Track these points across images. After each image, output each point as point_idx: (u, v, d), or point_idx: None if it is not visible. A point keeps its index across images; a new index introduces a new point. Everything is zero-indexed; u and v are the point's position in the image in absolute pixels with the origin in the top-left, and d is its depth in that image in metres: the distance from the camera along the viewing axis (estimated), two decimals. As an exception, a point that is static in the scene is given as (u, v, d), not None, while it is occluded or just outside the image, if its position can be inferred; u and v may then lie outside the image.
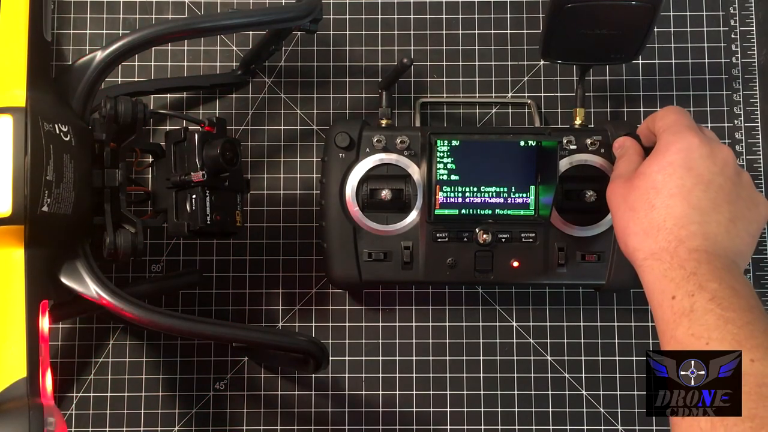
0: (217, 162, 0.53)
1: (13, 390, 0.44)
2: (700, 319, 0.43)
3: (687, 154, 0.48)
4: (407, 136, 0.60)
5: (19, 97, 0.49)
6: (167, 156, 0.56)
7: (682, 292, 0.44)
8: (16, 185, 0.47)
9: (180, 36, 0.56)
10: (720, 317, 0.42)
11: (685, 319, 0.43)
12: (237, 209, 0.57)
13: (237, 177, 0.57)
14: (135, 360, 0.64)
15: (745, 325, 0.42)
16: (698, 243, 0.46)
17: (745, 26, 0.68)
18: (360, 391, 0.64)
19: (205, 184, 0.54)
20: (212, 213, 0.54)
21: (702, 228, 0.46)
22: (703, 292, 0.43)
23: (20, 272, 0.48)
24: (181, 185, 0.55)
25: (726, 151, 0.49)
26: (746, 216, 0.48)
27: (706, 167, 0.48)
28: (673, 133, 0.50)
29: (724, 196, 0.48)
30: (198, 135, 0.54)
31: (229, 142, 0.54)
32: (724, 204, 0.47)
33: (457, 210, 0.59)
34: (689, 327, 0.43)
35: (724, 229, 0.47)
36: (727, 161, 0.49)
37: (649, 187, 0.49)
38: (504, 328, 0.65)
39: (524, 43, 0.67)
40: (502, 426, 0.63)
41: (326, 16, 0.65)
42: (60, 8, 0.67)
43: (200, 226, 0.54)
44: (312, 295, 0.65)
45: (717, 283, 0.44)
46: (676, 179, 0.48)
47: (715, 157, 0.48)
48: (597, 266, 0.60)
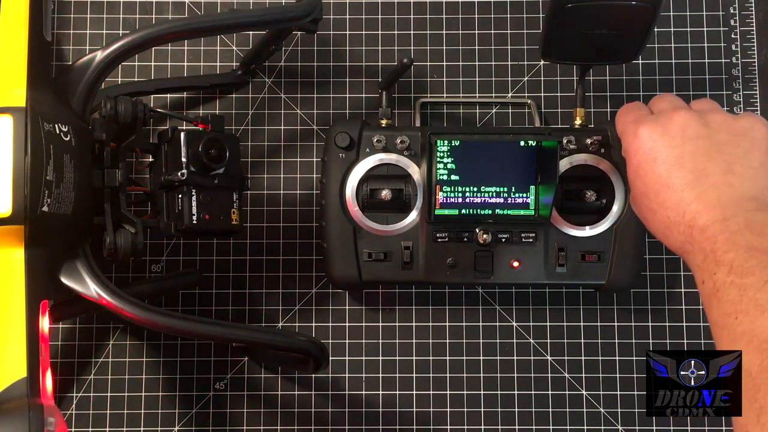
0: (200, 160, 0.53)
1: (13, 390, 0.44)
2: (724, 296, 0.41)
3: (644, 149, 0.47)
4: (407, 136, 0.60)
5: (19, 97, 0.49)
6: (160, 156, 0.56)
7: (706, 274, 0.43)
8: (16, 185, 0.47)
9: (180, 36, 0.56)
10: (739, 287, 0.40)
11: (714, 299, 0.42)
12: (233, 207, 0.55)
13: (231, 174, 0.55)
14: (135, 360, 0.64)
15: (765, 285, 0.40)
16: (705, 219, 0.44)
17: (745, 26, 0.68)
18: (360, 391, 0.64)
19: (188, 182, 0.53)
20: (200, 212, 0.53)
21: (701, 202, 0.45)
22: (721, 267, 0.42)
23: (20, 272, 0.48)
24: (168, 185, 0.54)
25: (678, 116, 0.47)
26: (739, 154, 0.46)
27: (667, 145, 0.46)
28: (625, 137, 0.49)
29: (703, 157, 0.46)
30: (184, 133, 0.54)
31: (214, 139, 0.54)
32: (707, 164, 0.45)
33: (457, 210, 0.59)
34: (719, 307, 0.42)
35: (725, 185, 0.45)
36: (684, 124, 0.47)
37: (640, 196, 0.49)
38: (504, 328, 0.65)
39: (524, 43, 0.67)
40: (502, 426, 0.63)
41: (326, 16, 0.65)
42: (60, 8, 0.67)
43: (185, 226, 0.53)
44: (312, 295, 0.65)
45: (734, 252, 0.42)
46: (651, 176, 0.47)
47: (670, 131, 0.47)
48: (597, 266, 0.60)
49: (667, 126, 0.47)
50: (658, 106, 0.51)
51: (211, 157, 0.53)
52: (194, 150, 0.53)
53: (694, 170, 0.46)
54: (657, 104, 0.51)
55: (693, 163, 0.46)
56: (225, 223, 0.55)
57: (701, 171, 0.46)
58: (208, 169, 0.54)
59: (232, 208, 0.55)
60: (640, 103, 0.53)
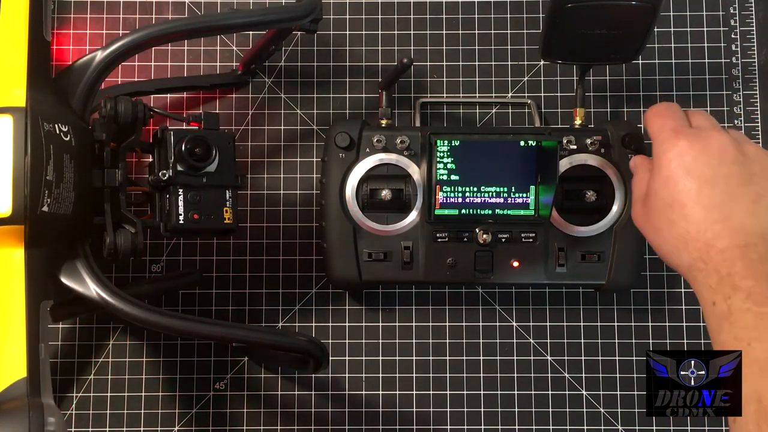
0: (184, 159, 0.53)
1: (13, 390, 0.44)
2: (738, 321, 0.42)
3: (679, 161, 0.47)
4: (407, 136, 0.60)
5: (19, 97, 0.49)
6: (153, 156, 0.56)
7: (719, 296, 0.43)
8: (16, 185, 0.47)
9: (180, 36, 0.56)
10: (757, 315, 0.41)
11: (725, 323, 0.42)
12: (226, 206, 0.55)
13: (223, 173, 0.55)
14: (135, 360, 0.64)
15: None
16: (727, 242, 0.44)
17: (745, 26, 0.68)
18: (360, 391, 0.64)
19: (175, 182, 0.53)
20: (187, 211, 0.53)
21: (726, 225, 0.45)
22: (738, 292, 0.42)
23: (20, 272, 0.47)
24: (155, 185, 0.54)
25: (718, 137, 0.47)
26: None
27: (704, 163, 0.46)
28: (660, 143, 0.49)
29: (736, 182, 0.46)
30: (171, 133, 0.54)
31: (198, 138, 0.53)
32: (738, 190, 0.46)
33: (457, 210, 0.59)
34: (730, 330, 0.42)
35: (750, 213, 0.45)
36: (722, 147, 0.47)
37: (661, 205, 0.48)
38: (504, 328, 0.65)
39: (524, 43, 0.67)
40: (502, 426, 0.63)
41: (326, 16, 0.65)
42: (60, 8, 0.67)
43: (173, 226, 0.53)
44: (312, 295, 0.65)
45: (753, 280, 0.42)
46: (681, 189, 0.47)
47: (709, 150, 0.47)
48: (597, 266, 0.60)
49: (708, 145, 0.47)
50: (697, 122, 0.50)
51: (197, 156, 0.53)
52: (180, 149, 0.53)
53: (724, 193, 0.46)
54: (696, 119, 0.50)
55: (726, 186, 0.46)
56: (216, 222, 0.54)
57: (732, 195, 0.46)
58: (197, 168, 0.54)
59: (225, 206, 0.55)
60: (677, 108, 0.51)
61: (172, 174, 0.53)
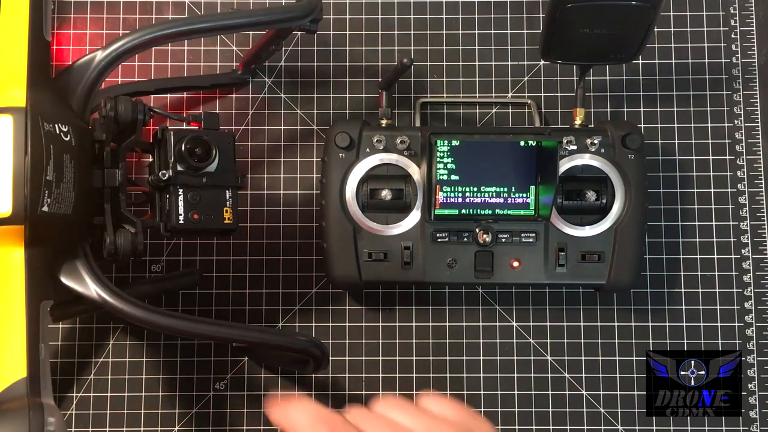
0: (184, 159, 0.53)
1: (13, 390, 0.44)
2: None
3: None
4: (407, 136, 0.60)
5: (19, 97, 0.49)
6: (153, 156, 0.56)
7: None
8: (16, 185, 0.47)
9: (180, 36, 0.56)
10: None
11: None
12: (226, 206, 0.55)
13: (223, 173, 0.55)
14: (135, 360, 0.64)
15: None
16: None
17: (745, 26, 0.68)
18: (360, 391, 0.64)
19: (174, 182, 0.53)
20: (187, 211, 0.53)
21: None
22: None
23: (20, 272, 0.47)
24: (155, 185, 0.54)
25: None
26: None
27: None
28: None
29: None
30: (171, 133, 0.54)
31: (198, 138, 0.53)
32: None
33: (457, 210, 0.59)
34: None
35: None
36: None
37: None
38: (504, 328, 0.65)
39: (524, 43, 0.67)
40: (502, 426, 0.63)
41: (326, 16, 0.65)
42: (60, 8, 0.67)
43: (173, 226, 0.53)
44: (312, 295, 0.65)
45: None
46: None
47: None
48: (597, 266, 0.60)
49: None
50: None
51: (197, 156, 0.53)
52: (180, 149, 0.53)
53: None
54: None
55: None
56: (216, 222, 0.54)
57: None
58: (196, 168, 0.54)
59: (225, 206, 0.55)
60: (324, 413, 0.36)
61: (172, 174, 0.53)
